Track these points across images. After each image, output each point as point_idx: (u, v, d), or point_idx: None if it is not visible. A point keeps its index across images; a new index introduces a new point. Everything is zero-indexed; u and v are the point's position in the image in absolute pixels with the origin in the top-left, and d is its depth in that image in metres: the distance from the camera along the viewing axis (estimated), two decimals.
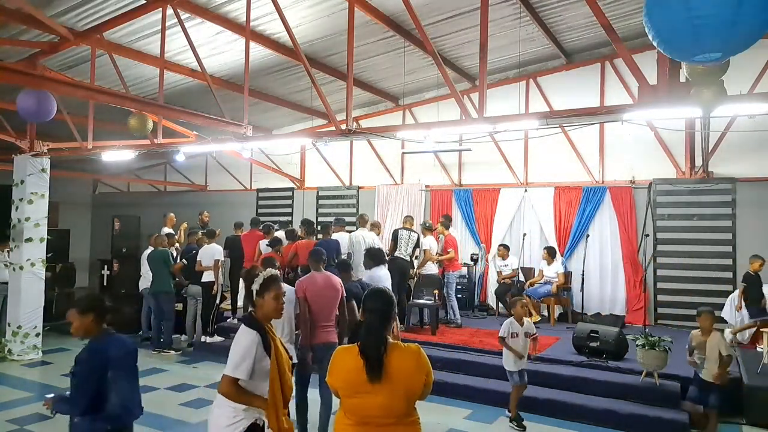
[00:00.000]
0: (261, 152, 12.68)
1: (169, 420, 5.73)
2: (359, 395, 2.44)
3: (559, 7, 7.68)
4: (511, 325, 5.64)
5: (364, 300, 2.62)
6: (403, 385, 2.43)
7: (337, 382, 2.51)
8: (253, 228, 9.33)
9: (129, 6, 6.71)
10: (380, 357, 2.41)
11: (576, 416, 5.80)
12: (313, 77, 7.01)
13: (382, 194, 11.77)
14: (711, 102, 4.69)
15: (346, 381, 2.47)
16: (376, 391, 2.40)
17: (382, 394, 2.41)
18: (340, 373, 2.50)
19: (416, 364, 2.48)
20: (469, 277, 10.20)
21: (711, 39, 2.94)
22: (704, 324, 5.17)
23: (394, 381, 2.41)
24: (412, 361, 2.48)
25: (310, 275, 5.14)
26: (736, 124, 8.34)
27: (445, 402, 6.21)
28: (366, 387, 2.40)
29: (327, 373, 2.58)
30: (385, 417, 2.43)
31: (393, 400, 2.42)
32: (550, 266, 9.16)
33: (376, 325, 2.49)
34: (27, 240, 8.34)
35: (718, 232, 8.79)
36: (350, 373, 2.45)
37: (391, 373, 2.41)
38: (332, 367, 2.55)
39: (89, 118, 8.38)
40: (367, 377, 2.39)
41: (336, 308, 5.08)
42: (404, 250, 8.44)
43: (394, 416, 2.45)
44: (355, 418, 2.47)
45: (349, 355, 2.49)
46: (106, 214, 15.93)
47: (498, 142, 10.21)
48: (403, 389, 2.43)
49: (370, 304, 2.56)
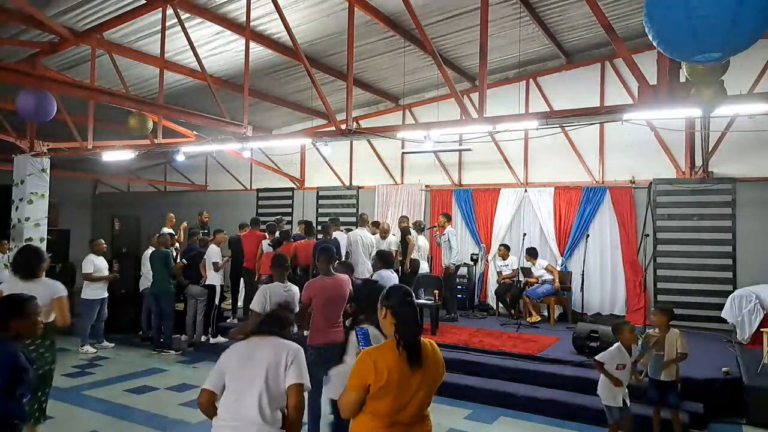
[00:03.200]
0: (261, 152, 12.68)
1: (169, 420, 5.74)
2: (396, 393, 2.47)
3: (559, 7, 7.68)
4: (619, 355, 4.71)
5: (388, 296, 2.68)
6: (432, 378, 2.57)
7: (380, 380, 2.47)
8: (252, 228, 9.32)
9: (129, 6, 6.71)
10: (419, 344, 2.56)
11: (576, 416, 5.79)
12: (313, 77, 7.02)
13: (382, 194, 11.77)
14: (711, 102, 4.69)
15: (389, 378, 2.46)
16: (413, 386, 2.50)
17: (419, 389, 2.51)
18: (382, 370, 2.47)
19: (438, 356, 2.64)
20: (469, 277, 10.21)
21: (711, 39, 2.95)
22: (661, 321, 5.06)
23: (426, 373, 2.54)
24: (435, 354, 2.63)
25: (320, 279, 5.05)
26: (736, 124, 8.34)
27: (445, 402, 6.19)
28: (406, 382, 2.49)
29: (351, 377, 2.54)
30: (416, 414, 2.53)
31: (426, 394, 2.55)
32: (536, 267, 9.19)
33: (411, 315, 2.60)
34: (27, 240, 8.34)
35: (718, 232, 8.79)
36: (392, 368, 2.47)
37: (424, 365, 2.54)
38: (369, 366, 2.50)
39: (89, 118, 8.39)
40: (409, 367, 2.48)
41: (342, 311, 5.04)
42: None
43: (422, 411, 2.57)
44: (387, 419, 2.49)
45: (388, 352, 2.52)
46: (106, 214, 15.96)
47: (498, 142, 10.21)
48: (432, 382, 2.58)
49: (396, 299, 2.64)
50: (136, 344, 8.91)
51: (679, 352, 4.92)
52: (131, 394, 6.51)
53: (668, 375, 4.98)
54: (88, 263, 8.39)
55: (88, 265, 8.38)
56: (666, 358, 4.95)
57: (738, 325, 7.64)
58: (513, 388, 6.28)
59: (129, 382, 6.89)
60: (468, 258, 10.29)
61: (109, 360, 8.04)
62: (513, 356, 6.93)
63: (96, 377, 7.12)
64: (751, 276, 8.25)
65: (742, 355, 6.77)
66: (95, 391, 6.48)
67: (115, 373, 7.32)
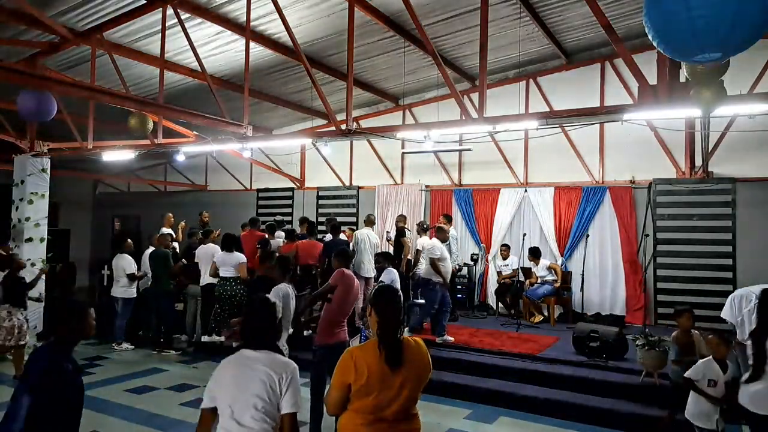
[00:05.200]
0: (261, 152, 12.68)
1: (169, 420, 5.74)
2: (378, 391, 2.49)
3: (559, 7, 7.68)
4: (709, 369, 4.23)
5: (374, 297, 2.71)
6: (416, 376, 2.57)
7: (360, 379, 2.50)
8: (252, 228, 9.32)
9: (129, 6, 6.71)
10: (399, 343, 2.56)
11: (576, 416, 5.79)
12: (313, 77, 7.02)
13: (382, 194, 11.77)
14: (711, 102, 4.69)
15: (369, 377, 2.49)
16: (395, 384, 2.51)
17: (402, 387, 2.52)
18: (362, 369, 2.50)
19: (424, 355, 2.65)
20: (469, 277, 10.21)
21: (711, 39, 2.95)
22: (686, 323, 5.00)
23: (410, 372, 2.55)
24: (420, 353, 2.64)
25: (349, 273, 5.12)
26: (736, 124, 8.34)
27: (445, 402, 6.20)
28: (387, 381, 2.50)
29: (334, 375, 2.58)
30: (401, 411, 2.54)
31: (410, 392, 2.55)
32: (538, 266, 9.20)
33: (392, 315, 2.61)
34: (27, 240, 8.35)
35: (717, 232, 8.79)
36: (372, 367, 2.50)
37: (406, 364, 2.55)
38: (350, 365, 2.53)
39: (89, 118, 8.39)
40: (388, 366, 2.49)
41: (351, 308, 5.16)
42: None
43: (408, 410, 2.58)
44: (370, 417, 2.52)
45: (369, 351, 2.56)
46: (106, 214, 15.97)
47: (498, 142, 10.21)
48: (417, 380, 2.58)
49: (382, 299, 2.67)
50: (136, 344, 8.90)
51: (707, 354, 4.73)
52: (131, 394, 6.51)
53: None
54: (129, 263, 8.56)
55: (131, 264, 8.57)
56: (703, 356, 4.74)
57: (738, 325, 7.58)
58: (513, 388, 6.29)
59: (129, 382, 6.90)
60: (468, 258, 10.29)
61: (109, 360, 8.04)
62: (513, 356, 6.94)
63: (96, 377, 7.12)
64: (751, 276, 8.23)
65: (742, 356, 6.77)
66: (95, 391, 6.48)
67: (115, 373, 7.33)
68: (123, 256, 8.55)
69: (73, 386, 2.77)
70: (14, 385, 5.62)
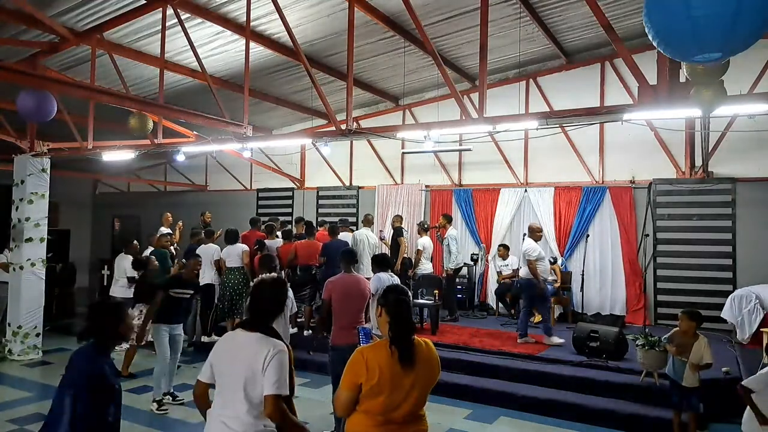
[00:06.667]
0: (261, 152, 12.68)
1: (169, 420, 5.75)
2: (389, 392, 2.48)
3: (559, 7, 7.68)
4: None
5: (384, 297, 2.70)
6: (426, 377, 2.57)
7: (371, 379, 2.48)
8: (252, 228, 9.31)
9: (129, 6, 6.71)
10: (412, 343, 2.55)
11: (576, 416, 5.79)
12: (314, 77, 7.01)
13: (382, 194, 11.77)
14: (711, 102, 4.68)
15: (380, 377, 2.47)
16: (406, 385, 2.50)
17: (412, 388, 2.51)
18: (373, 369, 2.49)
19: (434, 357, 2.66)
20: (469, 277, 10.21)
21: (711, 39, 2.94)
22: (689, 326, 4.95)
23: (420, 373, 2.54)
24: (430, 354, 2.63)
25: (341, 276, 5.09)
26: (736, 124, 8.34)
27: (445, 402, 6.20)
28: (398, 382, 2.48)
29: (344, 375, 2.57)
30: (410, 413, 2.53)
31: (420, 393, 2.54)
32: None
33: (404, 314, 2.61)
34: (27, 240, 8.33)
35: (717, 232, 8.79)
36: (383, 367, 2.48)
37: (417, 365, 2.54)
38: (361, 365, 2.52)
39: (89, 118, 8.38)
40: (401, 366, 2.48)
41: (363, 310, 5.02)
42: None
43: (416, 411, 2.57)
44: (380, 418, 2.50)
45: (381, 351, 2.54)
46: (106, 214, 15.98)
47: (498, 142, 10.21)
48: (426, 382, 2.57)
49: (394, 296, 2.66)
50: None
51: (705, 363, 4.79)
52: (131, 394, 6.50)
53: (692, 381, 4.88)
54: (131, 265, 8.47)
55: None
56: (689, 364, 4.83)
57: (738, 325, 7.65)
58: (513, 388, 6.29)
59: (129, 382, 6.87)
60: (468, 258, 10.29)
61: None
62: (513, 356, 6.94)
63: None
64: (751, 276, 8.26)
65: (742, 355, 6.77)
66: None
67: None
68: (126, 257, 8.53)
69: (113, 389, 2.77)
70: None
